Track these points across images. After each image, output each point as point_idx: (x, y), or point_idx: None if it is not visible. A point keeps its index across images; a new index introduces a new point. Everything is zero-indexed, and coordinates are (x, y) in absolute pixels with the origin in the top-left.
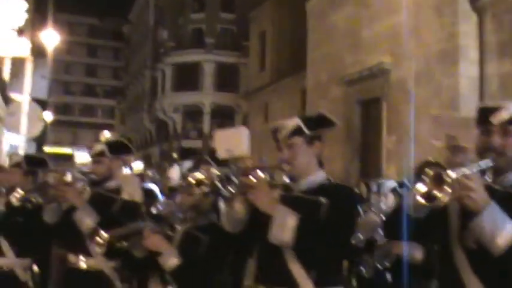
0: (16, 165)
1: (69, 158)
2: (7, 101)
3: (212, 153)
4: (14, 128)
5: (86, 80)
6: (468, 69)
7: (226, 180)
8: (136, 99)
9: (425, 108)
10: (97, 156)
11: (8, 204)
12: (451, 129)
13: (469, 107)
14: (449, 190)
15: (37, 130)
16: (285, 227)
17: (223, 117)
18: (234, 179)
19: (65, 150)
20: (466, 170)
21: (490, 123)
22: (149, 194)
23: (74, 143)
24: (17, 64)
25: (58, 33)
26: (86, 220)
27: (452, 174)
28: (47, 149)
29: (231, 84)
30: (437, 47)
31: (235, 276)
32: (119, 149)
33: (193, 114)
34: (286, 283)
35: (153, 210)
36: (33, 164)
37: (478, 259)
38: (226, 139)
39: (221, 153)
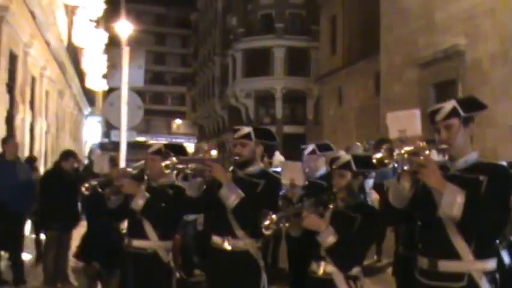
0: (157, 152)
1: (143, 146)
2: (86, 91)
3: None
4: (115, 118)
5: (155, 68)
6: None
7: None
8: (206, 85)
9: (503, 89)
10: (242, 139)
11: (150, 189)
12: None
13: None
14: None
15: (137, 119)
16: (454, 202)
17: (295, 102)
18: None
19: (139, 138)
20: None
21: None
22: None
23: (146, 131)
24: (114, 55)
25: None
26: (232, 196)
27: None
28: None
29: (302, 69)
30: None
31: None
32: (263, 135)
33: (265, 99)
34: (449, 255)
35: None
36: (172, 150)
37: None
38: (399, 120)
39: (393, 134)
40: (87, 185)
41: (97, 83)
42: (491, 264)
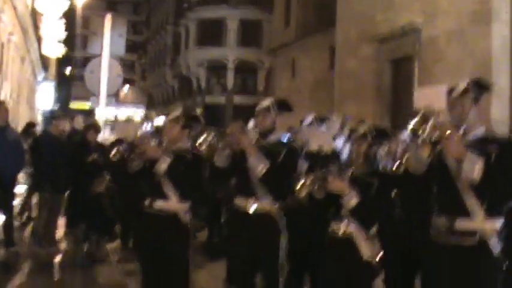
0: (175, 120)
1: (89, 113)
2: (43, 58)
3: None
4: (94, 86)
5: None
6: (501, 31)
7: None
8: (158, 54)
9: (458, 66)
10: (263, 111)
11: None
12: None
13: (501, 69)
14: None
15: (115, 87)
16: (474, 167)
17: (247, 73)
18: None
19: (87, 105)
20: None
21: None
22: None
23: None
24: (94, 22)
25: None
26: (260, 166)
27: None
28: (72, 104)
29: (255, 40)
30: (470, 8)
31: None
32: (282, 106)
33: (217, 69)
34: (463, 212)
35: None
36: (189, 119)
37: None
38: (426, 96)
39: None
40: (115, 151)
41: (53, 49)
42: (499, 223)
